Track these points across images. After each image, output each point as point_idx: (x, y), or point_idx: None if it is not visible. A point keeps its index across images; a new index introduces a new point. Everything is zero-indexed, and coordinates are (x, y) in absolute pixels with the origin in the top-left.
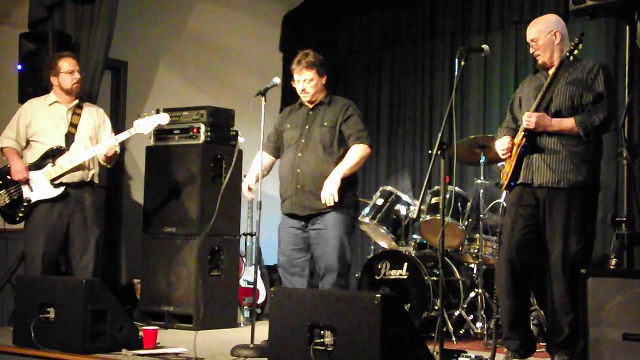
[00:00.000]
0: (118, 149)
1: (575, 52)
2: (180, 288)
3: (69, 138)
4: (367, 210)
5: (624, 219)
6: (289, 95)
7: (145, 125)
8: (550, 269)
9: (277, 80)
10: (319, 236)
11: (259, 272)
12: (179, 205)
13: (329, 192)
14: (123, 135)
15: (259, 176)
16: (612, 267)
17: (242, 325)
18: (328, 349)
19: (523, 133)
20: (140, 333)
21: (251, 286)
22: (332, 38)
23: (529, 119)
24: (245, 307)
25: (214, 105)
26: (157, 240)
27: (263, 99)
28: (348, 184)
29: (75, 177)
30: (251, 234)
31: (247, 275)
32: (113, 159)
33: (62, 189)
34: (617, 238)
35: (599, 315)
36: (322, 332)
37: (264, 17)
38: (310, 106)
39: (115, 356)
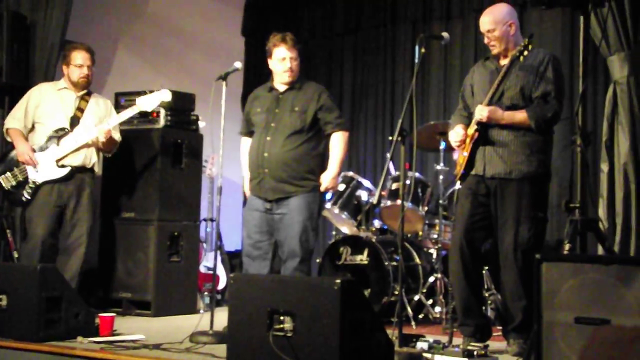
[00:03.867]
0: (117, 137)
1: (525, 52)
2: (138, 274)
3: (74, 121)
4: (328, 195)
5: (577, 205)
6: (252, 80)
7: (147, 103)
8: (501, 256)
9: (239, 64)
10: (282, 220)
11: (219, 258)
12: (138, 190)
13: (332, 188)
14: (126, 114)
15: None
16: (565, 252)
17: (201, 311)
18: (288, 334)
19: (476, 126)
20: (97, 320)
21: (211, 272)
22: (295, 23)
23: (481, 113)
24: (205, 293)
25: (175, 89)
26: (115, 226)
27: (224, 83)
28: (314, 168)
29: (77, 160)
30: (211, 220)
31: (207, 261)
32: (111, 146)
33: (67, 169)
34: (571, 224)
35: (553, 299)
36: (281, 317)
37: (227, 0)
38: (281, 90)
39: (71, 344)
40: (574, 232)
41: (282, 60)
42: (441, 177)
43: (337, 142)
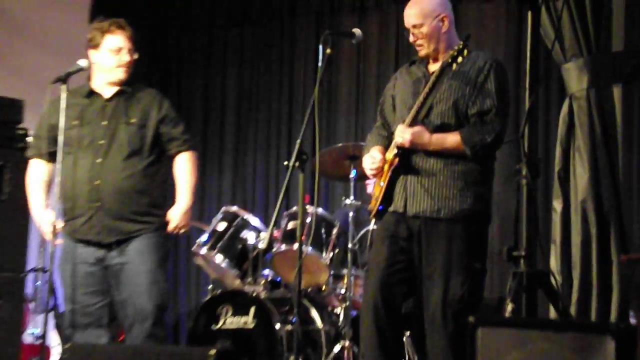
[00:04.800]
0: None
1: (459, 59)
2: None
3: None
4: (204, 237)
5: (523, 253)
6: None
7: None
8: (427, 318)
9: (84, 62)
10: (123, 272)
11: (51, 323)
12: None
13: (183, 227)
14: None
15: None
16: (508, 314)
17: None
18: None
19: (396, 150)
20: None
21: (40, 342)
22: (162, 11)
23: (402, 135)
24: None
25: None
26: None
27: (64, 87)
28: (159, 199)
29: None
30: (43, 270)
31: (36, 326)
32: None
33: None
34: (515, 278)
35: None
36: None
37: None
38: (107, 95)
39: None
40: (518, 288)
41: (116, 52)
42: (351, 214)
43: (186, 165)
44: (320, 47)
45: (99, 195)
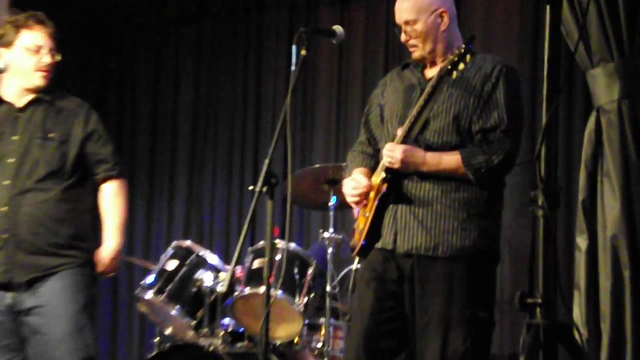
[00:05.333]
0: None
1: (460, 65)
2: None
3: None
4: (150, 279)
5: (539, 301)
6: None
7: None
8: None
9: (2, 63)
10: (40, 317)
11: None
12: None
13: (111, 271)
14: None
15: None
16: None
17: None
18: None
19: (384, 174)
20: None
21: None
22: (102, 2)
23: (391, 154)
24: None
25: None
26: None
27: None
28: (84, 231)
29: None
30: None
31: None
32: None
33: None
34: (529, 330)
35: None
36: None
37: None
38: (20, 104)
39: None
40: (534, 344)
41: (34, 52)
42: (330, 250)
43: (115, 196)
44: (294, 47)
45: (7, 225)
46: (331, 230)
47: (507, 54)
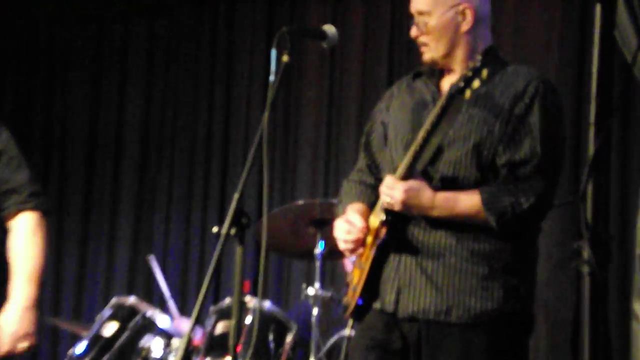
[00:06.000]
0: None
1: (475, 83)
2: None
3: None
4: (81, 347)
5: None
6: None
7: None
8: None
9: None
10: None
11: None
12: None
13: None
14: None
15: None
16: None
17: None
18: None
19: (384, 216)
20: None
21: None
22: None
23: (390, 193)
24: None
25: None
26: None
27: None
28: None
29: None
30: None
31: None
32: None
33: None
34: None
35: None
36: None
37: None
38: None
39: None
40: None
41: None
42: (316, 311)
43: (28, 236)
44: (274, 51)
45: None
46: (317, 285)
47: (545, 66)
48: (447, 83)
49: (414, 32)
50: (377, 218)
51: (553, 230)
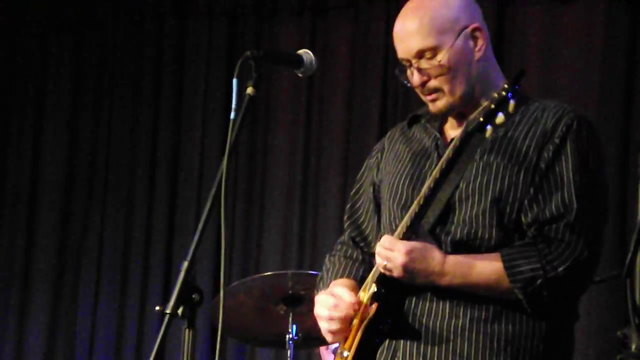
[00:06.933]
0: None
1: (499, 118)
2: None
3: None
4: None
5: None
6: None
7: None
8: None
9: None
10: None
11: None
12: None
13: None
14: None
15: None
16: None
17: None
18: None
19: (374, 286)
20: None
21: None
22: None
23: (389, 255)
24: None
25: None
26: None
27: None
28: None
29: None
30: None
31: None
32: None
33: None
34: None
35: None
36: None
37: None
38: None
39: None
40: None
41: None
42: None
43: None
44: (235, 81)
45: None
46: None
47: (581, 98)
48: (452, 128)
49: (417, 79)
50: (367, 292)
51: (592, 314)
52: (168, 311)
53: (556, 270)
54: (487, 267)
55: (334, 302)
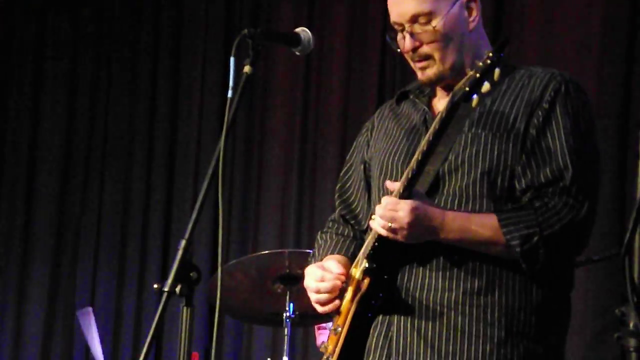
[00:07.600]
0: None
1: (485, 86)
2: None
3: None
4: None
5: None
6: None
7: None
8: None
9: None
10: None
11: None
12: None
13: None
14: None
15: None
16: None
17: None
18: None
19: (366, 262)
20: None
21: None
22: None
23: (394, 215)
24: None
25: None
26: None
27: None
28: None
29: None
30: None
31: None
32: None
33: None
34: None
35: None
36: None
37: None
38: None
39: None
40: None
41: None
42: None
43: None
44: (232, 60)
45: None
46: (285, 359)
47: (580, 70)
48: (440, 101)
49: (408, 44)
50: (357, 268)
51: (590, 293)
52: (166, 289)
53: (552, 227)
54: (484, 220)
55: (321, 273)
